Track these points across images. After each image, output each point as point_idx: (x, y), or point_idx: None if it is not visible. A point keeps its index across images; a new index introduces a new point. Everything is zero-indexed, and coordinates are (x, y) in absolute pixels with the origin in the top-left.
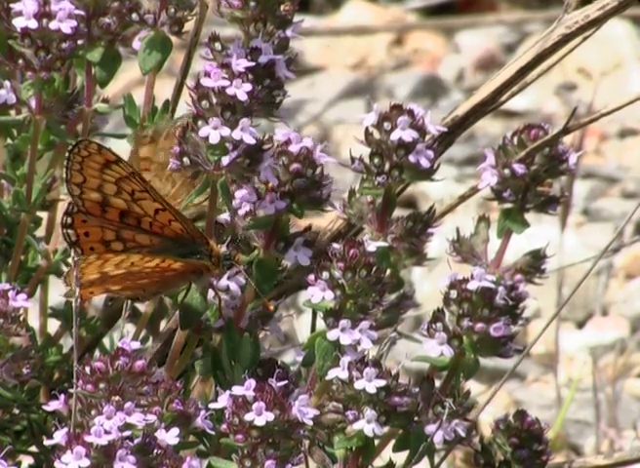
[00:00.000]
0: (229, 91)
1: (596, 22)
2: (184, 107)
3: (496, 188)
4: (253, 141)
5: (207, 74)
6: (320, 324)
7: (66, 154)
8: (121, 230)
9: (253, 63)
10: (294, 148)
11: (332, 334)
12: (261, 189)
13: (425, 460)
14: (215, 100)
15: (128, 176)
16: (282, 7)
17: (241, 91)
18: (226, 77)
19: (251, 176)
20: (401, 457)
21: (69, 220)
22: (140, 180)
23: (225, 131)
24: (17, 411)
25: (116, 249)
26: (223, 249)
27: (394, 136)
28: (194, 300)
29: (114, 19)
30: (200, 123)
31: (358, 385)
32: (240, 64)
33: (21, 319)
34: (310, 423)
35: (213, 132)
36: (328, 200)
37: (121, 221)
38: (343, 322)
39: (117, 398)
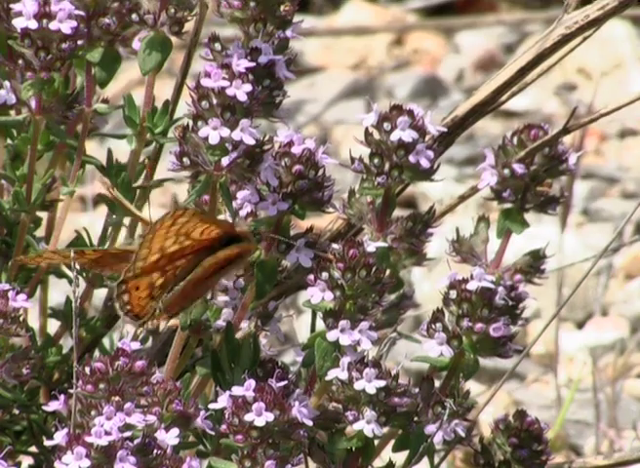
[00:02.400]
0: (229, 91)
1: (596, 22)
2: (184, 107)
3: (495, 188)
4: (252, 142)
5: (207, 74)
6: (320, 324)
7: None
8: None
9: (253, 64)
10: (296, 150)
11: (331, 335)
12: (263, 190)
13: (425, 460)
14: (215, 101)
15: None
16: (282, 7)
17: (241, 91)
18: (226, 77)
19: (251, 177)
20: (401, 457)
21: (123, 287)
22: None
23: (225, 131)
24: (17, 412)
25: (157, 281)
26: (245, 227)
27: (394, 136)
28: None
29: (114, 19)
30: (200, 123)
31: (358, 386)
32: (240, 65)
33: (21, 319)
34: (310, 423)
35: (212, 132)
36: (329, 201)
37: (169, 262)
38: (343, 322)
39: (117, 398)
